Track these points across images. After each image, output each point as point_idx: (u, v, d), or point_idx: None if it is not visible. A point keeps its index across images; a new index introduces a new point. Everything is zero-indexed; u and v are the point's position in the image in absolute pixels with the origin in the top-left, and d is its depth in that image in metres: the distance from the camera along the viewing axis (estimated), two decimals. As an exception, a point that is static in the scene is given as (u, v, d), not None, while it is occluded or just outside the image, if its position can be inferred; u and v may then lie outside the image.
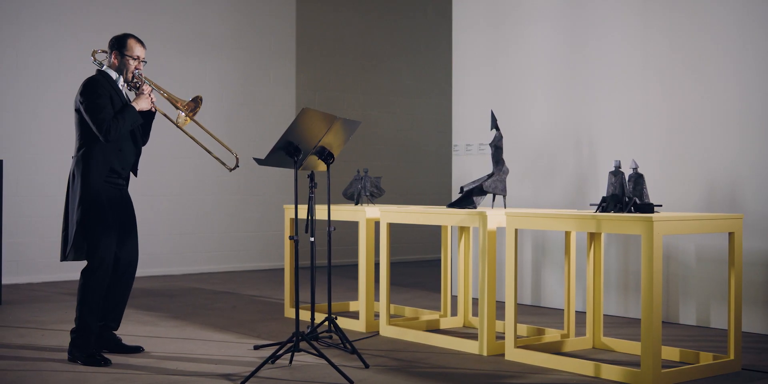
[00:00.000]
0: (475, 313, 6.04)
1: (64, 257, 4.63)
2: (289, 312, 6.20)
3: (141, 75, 4.75)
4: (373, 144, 10.56)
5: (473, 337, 5.31)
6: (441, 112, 11.32)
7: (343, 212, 5.81)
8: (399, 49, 11.05)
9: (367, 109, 10.63)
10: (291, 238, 4.44)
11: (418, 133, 11.21)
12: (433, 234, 11.00)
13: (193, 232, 9.31)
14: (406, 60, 11.11)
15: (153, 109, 4.82)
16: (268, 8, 9.88)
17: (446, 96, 11.07)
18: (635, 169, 4.46)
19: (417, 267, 10.01)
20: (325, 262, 8.89)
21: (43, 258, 8.34)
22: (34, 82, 8.38)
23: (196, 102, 4.83)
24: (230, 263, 9.58)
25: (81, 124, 4.62)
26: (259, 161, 4.46)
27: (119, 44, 4.72)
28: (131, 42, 4.72)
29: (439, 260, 10.61)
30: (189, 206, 9.28)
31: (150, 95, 4.77)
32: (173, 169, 9.12)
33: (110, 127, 4.51)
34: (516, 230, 4.71)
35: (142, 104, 4.72)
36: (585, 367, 4.34)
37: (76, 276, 8.25)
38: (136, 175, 4.88)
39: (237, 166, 5.05)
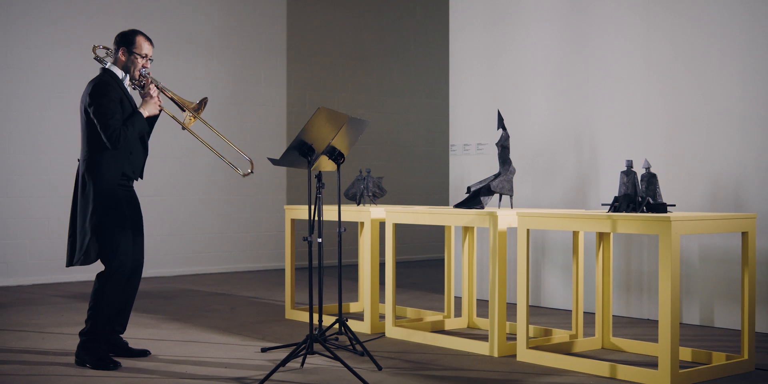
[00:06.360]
0: (479, 314, 6.00)
1: (71, 263, 4.48)
2: (291, 314, 6.13)
3: (149, 75, 4.60)
4: (362, 144, 10.51)
5: (481, 338, 5.27)
6: (432, 112, 11.29)
7: (346, 213, 5.75)
8: (389, 49, 11.01)
9: (358, 108, 10.57)
10: (305, 239, 4.37)
11: (409, 132, 11.17)
12: (425, 234, 10.97)
13: (185, 233, 9.21)
14: (396, 60, 11.06)
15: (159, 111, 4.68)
16: (258, 8, 9.79)
17: (437, 96, 11.05)
18: (648, 168, 4.45)
19: (412, 267, 9.96)
20: (324, 263, 8.81)
21: (34, 260, 8.21)
22: (25, 84, 8.24)
23: (202, 104, 4.70)
24: (223, 264, 9.48)
25: (89, 127, 4.45)
26: (273, 161, 4.41)
27: (127, 41, 4.53)
28: (140, 39, 4.54)
29: (431, 260, 10.60)
30: (180, 207, 9.18)
31: (157, 98, 4.61)
32: (164, 169, 9.01)
33: (119, 136, 4.36)
34: (528, 230, 4.69)
35: (150, 109, 4.57)
36: (600, 368, 4.31)
37: (70, 277, 8.23)
38: (142, 177, 4.73)
39: (251, 171, 4.81)
